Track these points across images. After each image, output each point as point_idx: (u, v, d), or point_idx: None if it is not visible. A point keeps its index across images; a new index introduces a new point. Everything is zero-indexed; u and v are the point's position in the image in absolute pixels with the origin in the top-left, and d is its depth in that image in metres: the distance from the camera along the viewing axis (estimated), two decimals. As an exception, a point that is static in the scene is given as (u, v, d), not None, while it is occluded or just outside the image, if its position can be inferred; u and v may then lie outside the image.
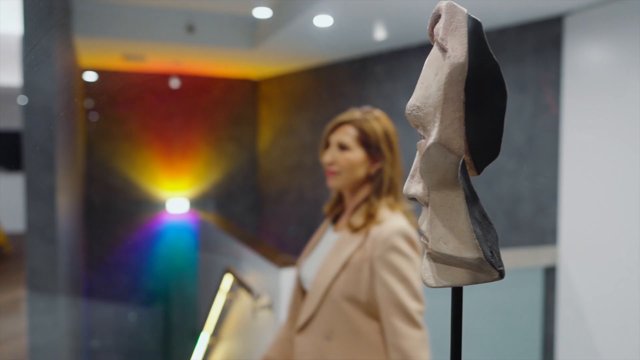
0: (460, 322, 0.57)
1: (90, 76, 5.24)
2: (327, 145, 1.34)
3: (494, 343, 2.59)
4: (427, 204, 0.56)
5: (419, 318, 1.18)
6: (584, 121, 2.55)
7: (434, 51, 0.53)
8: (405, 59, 4.22)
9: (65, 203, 2.86)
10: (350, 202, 1.33)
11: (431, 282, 0.55)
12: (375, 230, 1.22)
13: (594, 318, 2.53)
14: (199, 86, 5.62)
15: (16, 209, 9.33)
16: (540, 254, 2.70)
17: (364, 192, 1.30)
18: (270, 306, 2.23)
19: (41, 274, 2.35)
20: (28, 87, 2.33)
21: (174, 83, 5.54)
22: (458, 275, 0.54)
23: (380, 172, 1.29)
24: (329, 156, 1.30)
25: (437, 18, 0.54)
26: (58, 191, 2.42)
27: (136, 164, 5.37)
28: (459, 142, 0.50)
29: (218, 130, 5.64)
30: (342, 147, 1.29)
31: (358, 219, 1.27)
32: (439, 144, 0.49)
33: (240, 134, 5.79)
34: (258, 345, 2.40)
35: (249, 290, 2.33)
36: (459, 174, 0.53)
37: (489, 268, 0.54)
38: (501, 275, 0.55)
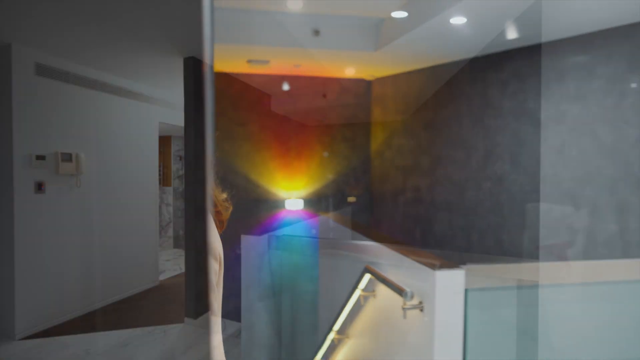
0: None
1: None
2: None
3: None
4: None
5: None
6: None
7: None
8: (536, 57, 4.01)
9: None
10: None
11: None
12: None
13: None
14: (314, 87, 5.76)
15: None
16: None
17: None
18: (421, 307, 2.23)
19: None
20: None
21: (292, 85, 5.73)
22: None
23: None
24: None
25: None
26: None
27: (255, 164, 5.63)
28: None
29: (332, 130, 5.76)
30: None
31: None
32: None
33: (354, 135, 5.86)
34: (406, 344, 2.42)
35: (399, 290, 2.35)
36: None
37: None
38: None
